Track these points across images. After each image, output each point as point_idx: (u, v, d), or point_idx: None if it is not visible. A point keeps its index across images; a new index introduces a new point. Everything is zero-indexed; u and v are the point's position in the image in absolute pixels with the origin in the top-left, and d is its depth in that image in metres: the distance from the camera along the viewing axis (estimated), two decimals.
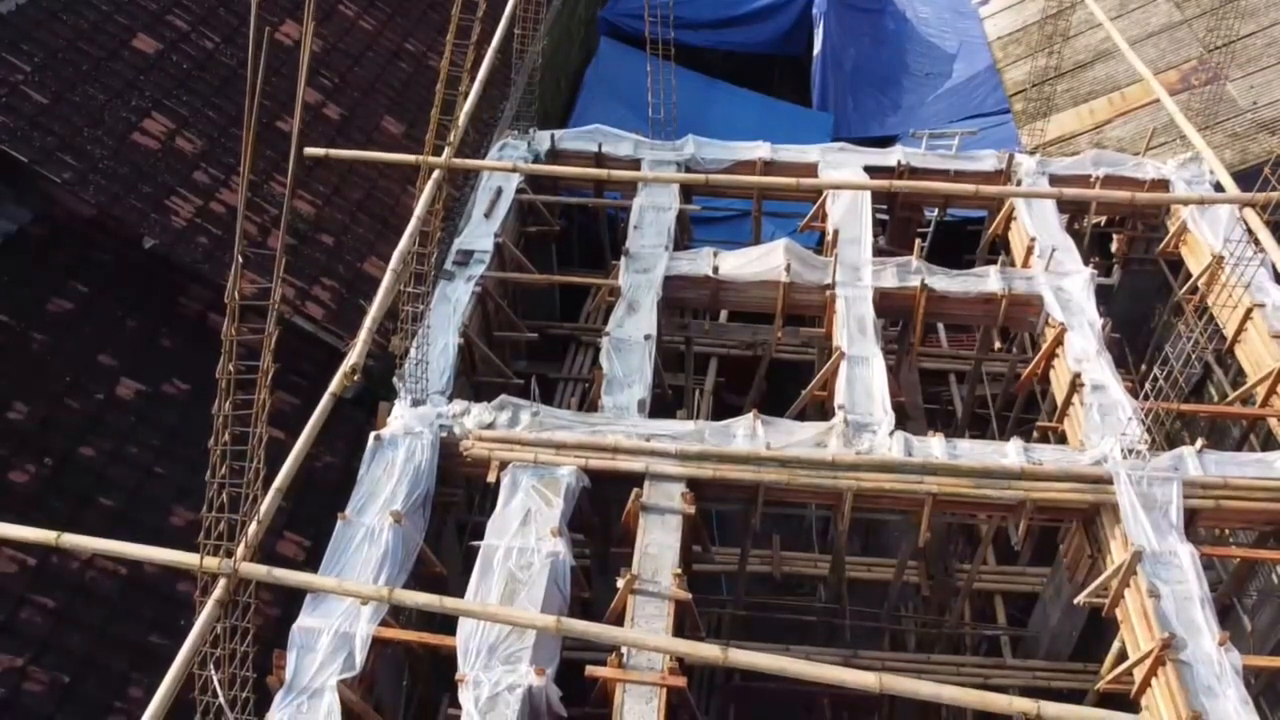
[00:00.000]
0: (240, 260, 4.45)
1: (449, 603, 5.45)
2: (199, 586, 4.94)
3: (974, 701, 4.74)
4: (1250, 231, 8.57)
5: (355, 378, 6.05)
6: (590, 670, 6.65)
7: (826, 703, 10.93)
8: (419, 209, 6.99)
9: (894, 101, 19.72)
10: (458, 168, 7.79)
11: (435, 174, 7.36)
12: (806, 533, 12.19)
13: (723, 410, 11.33)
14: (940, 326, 14.00)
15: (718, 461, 7.97)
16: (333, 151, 8.32)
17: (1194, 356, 7.72)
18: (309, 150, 7.99)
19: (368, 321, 6.38)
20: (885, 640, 10.73)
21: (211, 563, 4.85)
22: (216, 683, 4.86)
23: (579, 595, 8.05)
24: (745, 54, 20.70)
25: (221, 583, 4.90)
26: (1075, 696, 8.53)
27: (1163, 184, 11.16)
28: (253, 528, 5.00)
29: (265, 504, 5.11)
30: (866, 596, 10.80)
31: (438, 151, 7.24)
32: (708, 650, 5.34)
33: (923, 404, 11.94)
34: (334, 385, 5.89)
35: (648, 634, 6.16)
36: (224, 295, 4.40)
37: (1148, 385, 7.91)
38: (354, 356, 6.01)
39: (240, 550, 4.94)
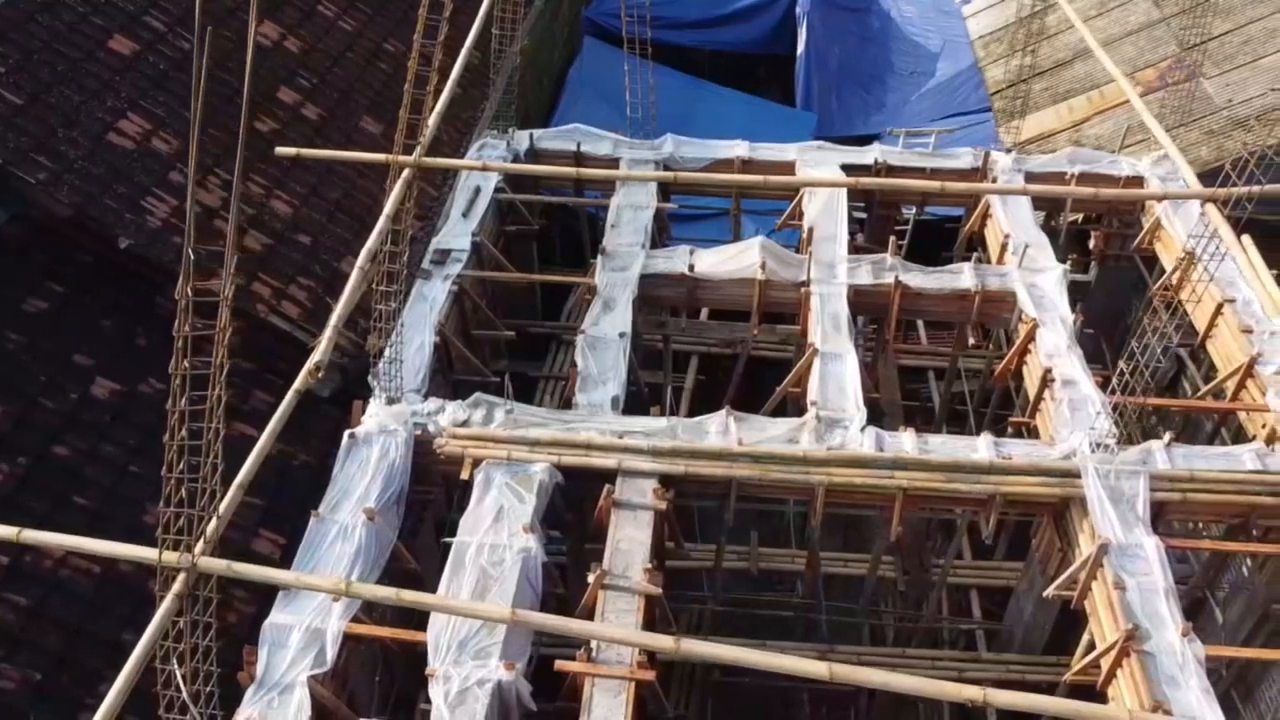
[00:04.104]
0: (191, 257, 4.50)
1: (406, 595, 5.51)
2: (158, 581, 5.00)
3: (923, 689, 4.80)
4: (1215, 227, 8.64)
5: (319, 375, 6.10)
6: (559, 664, 6.71)
7: (806, 698, 11.02)
8: (388, 208, 7.05)
9: (878, 100, 19.79)
10: (427, 166, 7.84)
11: (405, 173, 7.41)
12: (786, 529, 12.25)
13: (703, 408, 11.40)
14: (920, 324, 14.09)
15: (690, 457, 8.02)
16: (304, 151, 8.36)
17: (1160, 351, 7.78)
18: (280, 150, 8.04)
19: (333, 319, 6.44)
20: (865, 634, 10.81)
21: (170, 557, 4.91)
22: (180, 677, 4.91)
23: (553, 591, 8.12)
24: (732, 53, 20.78)
25: (181, 577, 4.95)
26: (1049, 689, 8.58)
27: (1137, 180, 11.23)
28: (213, 523, 5.04)
29: (228, 500, 5.16)
30: (847, 592, 10.87)
31: (408, 151, 7.29)
32: (661, 641, 5.40)
33: (901, 400, 12.02)
34: (298, 382, 5.95)
35: (602, 625, 6.19)
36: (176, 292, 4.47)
37: (1114, 380, 7.99)
38: (319, 354, 6.06)
39: (200, 545, 4.98)
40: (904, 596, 10.59)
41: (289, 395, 5.84)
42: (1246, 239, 8.47)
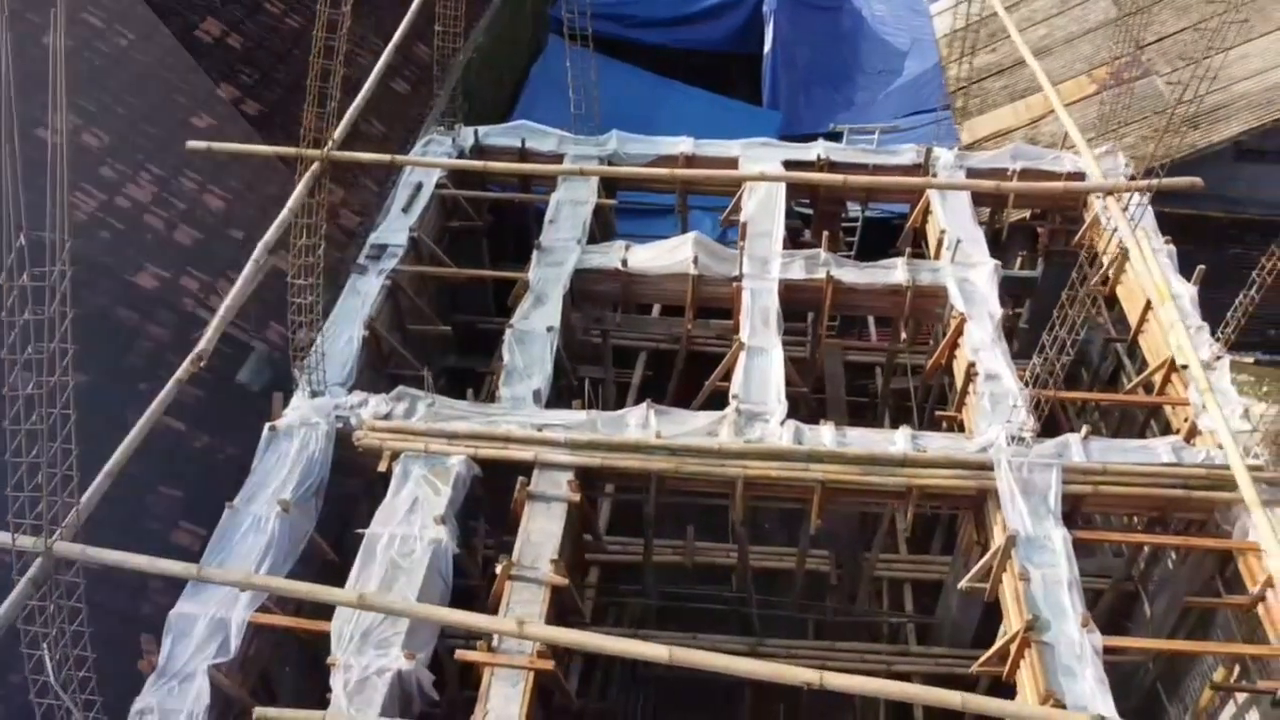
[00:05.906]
0: (23, 243, 4.54)
1: (257, 580, 5.55)
2: (15, 566, 5.04)
3: (765, 673, 4.83)
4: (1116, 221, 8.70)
5: (202, 364, 6.15)
6: (460, 654, 6.76)
7: (748, 692, 11.03)
8: (291, 201, 7.09)
9: (847, 98, 19.80)
10: (337, 160, 7.89)
11: (314, 166, 7.45)
12: (727, 524, 12.25)
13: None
14: (871, 320, 14.11)
15: (607, 450, 8.06)
16: (215, 145, 8.40)
17: (1073, 344, 7.82)
18: (190, 144, 8.09)
19: (221, 310, 6.49)
20: (810, 629, 10.81)
21: (25, 541, 4.95)
22: (49, 663, 4.95)
23: (471, 584, 8.15)
24: (704, 52, 20.82)
25: (37, 562, 4.99)
26: (974, 681, 8.62)
27: (1079, 176, 11.26)
28: (75, 508, 5.08)
29: (94, 486, 5.21)
30: (791, 586, 10.88)
31: (318, 144, 7.34)
32: (504, 624, 5.45)
33: (846, 396, 12.03)
34: (180, 372, 5.99)
35: (451, 610, 6.18)
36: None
37: (1027, 374, 8.02)
38: (203, 344, 6.10)
39: (59, 530, 5.02)
40: (837, 591, 10.60)
41: (169, 384, 5.89)
42: (1140, 231, 8.54)
